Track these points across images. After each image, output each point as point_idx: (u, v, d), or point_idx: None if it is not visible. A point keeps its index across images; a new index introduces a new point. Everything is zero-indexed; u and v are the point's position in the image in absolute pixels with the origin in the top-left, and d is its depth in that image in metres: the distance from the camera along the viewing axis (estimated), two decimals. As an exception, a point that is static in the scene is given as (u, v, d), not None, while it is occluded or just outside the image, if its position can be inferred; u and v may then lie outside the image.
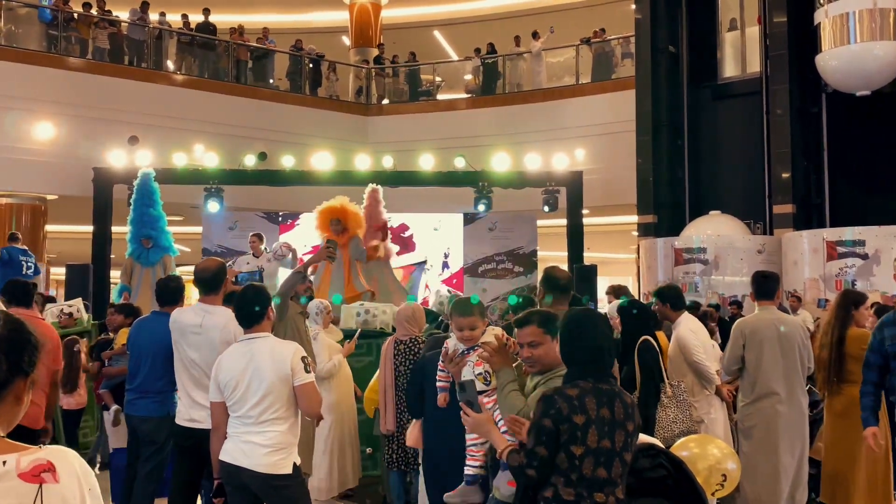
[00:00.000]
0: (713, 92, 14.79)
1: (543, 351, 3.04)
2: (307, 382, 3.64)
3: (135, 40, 15.82)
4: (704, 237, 12.78)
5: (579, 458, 2.65)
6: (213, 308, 4.37)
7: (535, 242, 14.17)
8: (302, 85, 18.00)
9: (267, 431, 3.58)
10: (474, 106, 17.83)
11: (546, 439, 2.65)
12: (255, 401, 3.59)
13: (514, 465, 2.75)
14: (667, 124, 14.55)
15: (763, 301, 5.22)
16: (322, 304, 6.24)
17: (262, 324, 3.74)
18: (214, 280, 4.38)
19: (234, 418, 3.67)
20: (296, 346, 3.76)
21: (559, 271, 4.34)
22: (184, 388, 4.39)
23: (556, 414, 2.65)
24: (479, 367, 3.31)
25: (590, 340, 2.80)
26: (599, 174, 15.02)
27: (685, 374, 5.32)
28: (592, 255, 15.28)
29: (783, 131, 13.27)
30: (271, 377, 3.60)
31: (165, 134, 14.41)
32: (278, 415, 3.60)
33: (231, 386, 3.64)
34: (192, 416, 4.29)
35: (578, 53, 17.21)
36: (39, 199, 14.79)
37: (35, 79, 14.25)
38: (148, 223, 9.47)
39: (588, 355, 2.78)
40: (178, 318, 4.42)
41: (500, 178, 12.93)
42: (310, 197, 12.67)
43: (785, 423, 5.04)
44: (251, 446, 3.59)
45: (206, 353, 4.24)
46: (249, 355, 3.66)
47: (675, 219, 14.27)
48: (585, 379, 2.73)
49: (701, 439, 4.01)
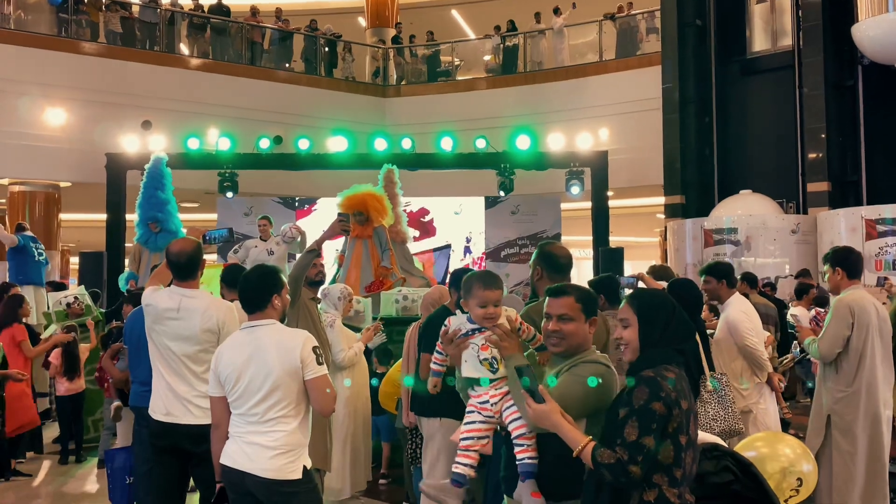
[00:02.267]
0: (742, 67, 14.30)
1: (575, 328, 2.74)
2: (320, 376, 3.21)
3: (147, 23, 15.52)
4: (735, 217, 12.33)
5: (685, 449, 2.38)
6: (191, 291, 3.87)
7: (558, 226, 13.75)
8: (317, 66, 17.62)
9: (273, 431, 3.18)
10: (494, 86, 17.40)
11: (657, 427, 2.33)
12: (259, 397, 3.18)
13: (608, 463, 2.33)
14: (694, 101, 14.12)
15: (854, 280, 4.65)
16: (346, 290, 5.82)
17: (268, 309, 3.31)
18: (191, 263, 3.88)
19: (236, 416, 3.26)
20: (306, 334, 3.33)
21: (558, 248, 3.75)
22: (161, 377, 3.86)
23: (667, 397, 2.35)
24: (484, 352, 2.87)
25: (687, 324, 2.58)
26: (624, 154, 14.58)
27: (734, 357, 4.91)
28: (614, 240, 14.84)
29: (817, 106, 12.79)
30: (278, 370, 3.18)
31: (179, 118, 14.13)
32: (286, 412, 3.19)
33: (232, 380, 3.23)
34: (170, 409, 3.80)
35: (602, 29, 16.71)
36: (53, 187, 14.58)
37: (46, 64, 14.01)
38: (155, 205, 9.14)
39: (682, 336, 2.54)
40: (152, 301, 3.91)
41: (522, 159, 12.51)
42: (327, 181, 12.36)
43: (888, 418, 4.55)
44: (255, 448, 3.18)
45: (183, 339, 3.80)
46: (253, 345, 3.24)
47: (704, 199, 13.84)
48: (671, 362, 2.47)
49: (770, 437, 3.54)
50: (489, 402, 2.87)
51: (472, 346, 2.89)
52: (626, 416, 2.36)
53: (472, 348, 2.89)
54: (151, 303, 3.90)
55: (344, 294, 5.76)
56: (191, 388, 3.79)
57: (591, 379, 2.65)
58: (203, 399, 3.68)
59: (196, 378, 3.79)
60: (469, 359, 2.89)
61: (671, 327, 2.52)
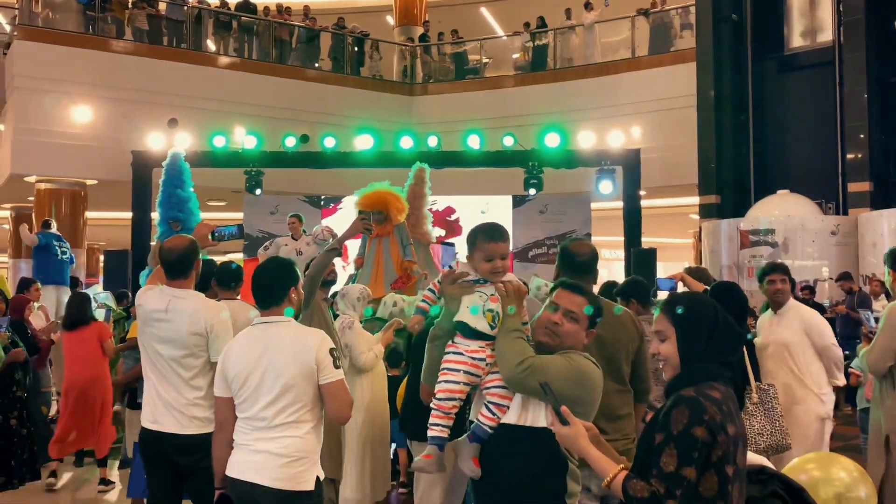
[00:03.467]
0: (780, 63, 13.91)
1: (574, 330, 2.60)
2: (336, 380, 2.98)
3: (173, 21, 15.47)
4: (773, 218, 11.95)
5: (731, 480, 2.08)
6: (181, 292, 3.60)
7: (588, 226, 13.43)
8: (344, 65, 17.47)
9: (283, 437, 2.94)
10: (523, 83, 17.10)
11: (699, 456, 2.03)
12: (269, 399, 2.95)
13: (641, 497, 2.03)
14: (730, 99, 13.76)
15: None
16: (365, 291, 5.58)
17: (283, 305, 3.09)
18: (182, 262, 3.63)
19: (242, 422, 3.01)
20: (323, 334, 3.09)
21: (579, 245, 3.37)
22: (150, 382, 3.60)
23: (711, 421, 2.04)
24: (493, 304, 2.64)
25: (735, 332, 2.24)
26: (657, 152, 14.23)
27: (810, 361, 4.58)
28: (645, 240, 14.49)
29: (858, 104, 12.36)
30: (291, 371, 2.95)
31: (205, 116, 14.07)
32: (297, 417, 2.96)
33: (241, 380, 2.99)
34: (157, 417, 3.53)
35: (634, 25, 16.34)
36: (79, 185, 14.56)
37: (73, 62, 14.00)
38: (176, 205, 9.01)
39: (730, 347, 2.22)
40: (142, 302, 3.69)
41: (551, 157, 12.26)
42: (353, 180, 12.13)
43: None
44: (264, 456, 2.94)
45: (172, 343, 3.55)
46: (265, 343, 3.01)
47: (740, 199, 13.47)
48: (717, 379, 2.16)
49: (823, 459, 3.22)
50: (485, 362, 2.63)
51: (478, 294, 2.66)
52: (663, 442, 2.05)
53: (480, 296, 2.66)
54: (142, 303, 3.68)
55: (363, 295, 5.53)
56: (179, 395, 3.53)
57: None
58: (193, 408, 3.47)
59: (185, 385, 3.54)
60: (472, 304, 2.65)
61: (716, 337, 2.19)
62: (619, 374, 3.31)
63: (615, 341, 3.29)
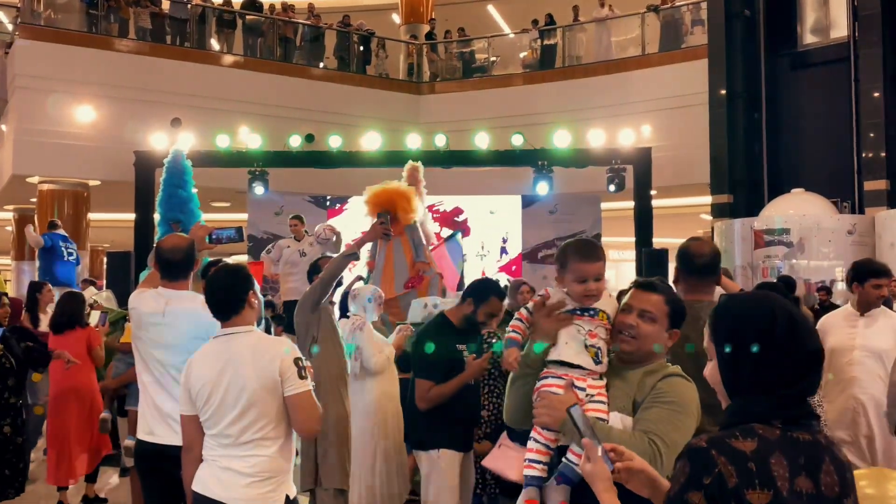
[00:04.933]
0: (793, 60, 13.66)
1: (654, 332, 2.37)
2: (301, 392, 2.81)
3: (176, 19, 15.30)
4: (787, 217, 11.70)
5: None
6: (178, 293, 3.43)
7: (598, 226, 13.23)
8: (350, 63, 17.28)
9: (250, 456, 2.80)
10: (532, 81, 16.89)
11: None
12: (233, 416, 2.80)
13: None
14: (742, 96, 13.50)
15: None
16: (378, 292, 5.44)
17: (245, 311, 2.92)
18: (176, 261, 3.46)
19: (209, 438, 2.88)
20: (287, 342, 2.94)
21: (698, 246, 3.15)
22: (146, 392, 3.44)
23: (713, 486, 1.52)
24: (592, 339, 2.38)
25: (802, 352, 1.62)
26: (668, 151, 14.02)
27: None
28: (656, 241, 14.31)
29: (874, 100, 12.12)
30: (253, 384, 2.79)
31: (209, 116, 13.89)
32: (264, 434, 2.81)
33: (204, 396, 2.84)
34: (153, 428, 3.38)
35: (644, 22, 16.12)
36: (81, 185, 14.40)
37: (75, 61, 13.85)
38: (176, 205, 8.82)
39: (790, 377, 1.60)
40: (136, 305, 3.51)
41: (560, 156, 12.05)
42: (359, 179, 11.98)
43: None
44: (230, 475, 2.80)
45: (170, 348, 3.37)
46: (226, 356, 2.85)
47: (753, 198, 13.22)
48: (769, 421, 1.58)
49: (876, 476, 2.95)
50: (585, 392, 2.34)
51: (576, 328, 2.40)
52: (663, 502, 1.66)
53: (578, 330, 2.39)
54: (136, 307, 3.50)
55: (375, 296, 5.38)
56: (177, 404, 3.32)
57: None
58: None
59: None
60: (571, 340, 2.39)
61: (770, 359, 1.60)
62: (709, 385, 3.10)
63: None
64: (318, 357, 4.56)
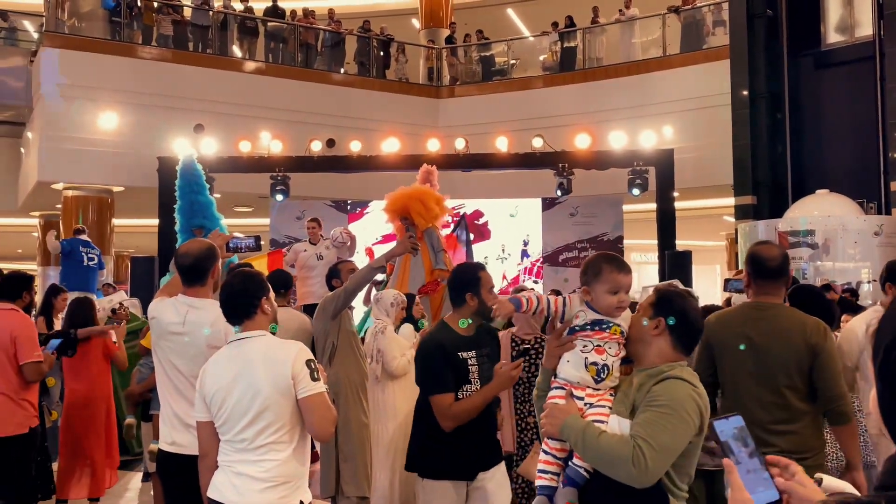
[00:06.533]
0: (816, 59, 13.50)
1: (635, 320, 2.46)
2: (314, 394, 2.80)
3: (199, 26, 15.41)
4: (812, 219, 11.56)
5: None
6: (198, 302, 3.38)
7: (620, 228, 13.15)
8: (370, 68, 17.33)
9: (263, 460, 2.78)
10: (552, 83, 16.83)
11: None
12: (247, 420, 2.79)
13: None
14: (765, 97, 13.36)
15: None
16: (400, 297, 5.48)
17: (257, 317, 2.92)
18: (197, 266, 3.41)
19: (224, 443, 2.86)
20: (299, 346, 2.91)
21: (767, 249, 3.23)
22: (166, 401, 3.41)
23: None
24: (598, 356, 2.40)
25: None
26: (690, 153, 13.91)
27: None
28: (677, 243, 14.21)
29: (900, 100, 11.94)
30: (267, 388, 2.78)
31: (231, 122, 14.00)
32: (278, 437, 2.79)
33: (218, 401, 2.83)
34: (175, 438, 3.34)
35: (665, 23, 16.02)
36: (106, 192, 14.54)
37: (99, 68, 13.99)
38: (199, 212, 8.81)
39: None
40: (157, 314, 3.45)
41: (581, 158, 12.01)
42: (379, 184, 12.03)
43: None
44: (244, 480, 2.78)
45: (190, 358, 3.33)
46: (240, 361, 2.84)
47: (777, 200, 13.08)
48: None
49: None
50: (584, 401, 2.41)
51: (582, 344, 2.42)
52: None
53: (584, 347, 2.42)
54: (156, 316, 3.47)
55: (397, 301, 5.42)
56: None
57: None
58: None
59: None
60: (572, 358, 2.42)
61: None
62: (773, 385, 3.10)
63: (769, 350, 3.10)
64: (337, 364, 4.55)
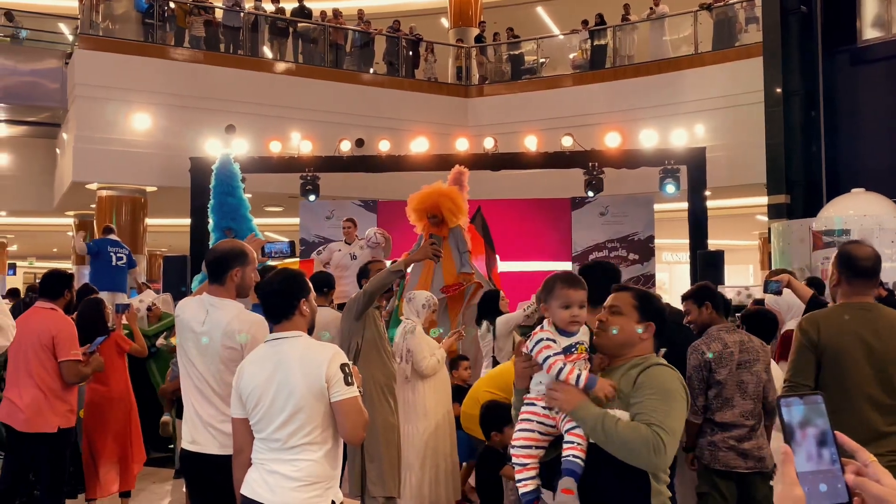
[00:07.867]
0: (852, 56, 13.26)
1: (621, 322, 2.53)
2: (348, 398, 2.81)
3: (230, 27, 15.56)
4: (847, 218, 11.36)
5: None
6: (219, 301, 3.41)
7: (651, 228, 13.02)
8: (399, 68, 17.36)
9: (297, 460, 2.81)
10: (582, 82, 16.73)
11: None
12: (281, 420, 2.82)
13: None
14: (799, 94, 13.15)
15: None
16: (432, 298, 5.51)
17: (296, 317, 2.94)
18: (216, 264, 3.44)
19: (258, 441, 2.90)
20: (335, 349, 2.93)
21: (859, 249, 3.21)
22: (188, 400, 3.45)
23: None
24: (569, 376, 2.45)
25: None
26: (722, 151, 13.76)
27: None
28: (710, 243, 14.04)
29: (938, 97, 11.72)
30: (301, 390, 2.81)
31: (262, 122, 14.11)
32: (311, 439, 2.82)
33: (254, 399, 2.86)
34: (195, 437, 3.39)
35: (697, 20, 15.85)
36: (139, 192, 14.74)
37: (132, 69, 14.17)
38: (228, 213, 8.88)
39: None
40: (180, 312, 3.53)
41: (611, 157, 11.91)
42: (408, 183, 12.03)
43: None
44: (277, 478, 2.81)
45: (208, 357, 3.37)
46: (276, 360, 2.87)
47: (811, 199, 12.87)
48: None
49: None
50: (554, 410, 2.50)
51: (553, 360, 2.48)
52: None
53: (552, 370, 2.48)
54: (180, 313, 3.54)
55: (429, 302, 5.44)
56: (217, 411, 3.37)
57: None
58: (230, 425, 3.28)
59: (222, 401, 3.35)
60: (545, 379, 2.51)
61: None
62: (890, 386, 3.08)
63: (886, 350, 3.08)
64: (362, 364, 4.58)
